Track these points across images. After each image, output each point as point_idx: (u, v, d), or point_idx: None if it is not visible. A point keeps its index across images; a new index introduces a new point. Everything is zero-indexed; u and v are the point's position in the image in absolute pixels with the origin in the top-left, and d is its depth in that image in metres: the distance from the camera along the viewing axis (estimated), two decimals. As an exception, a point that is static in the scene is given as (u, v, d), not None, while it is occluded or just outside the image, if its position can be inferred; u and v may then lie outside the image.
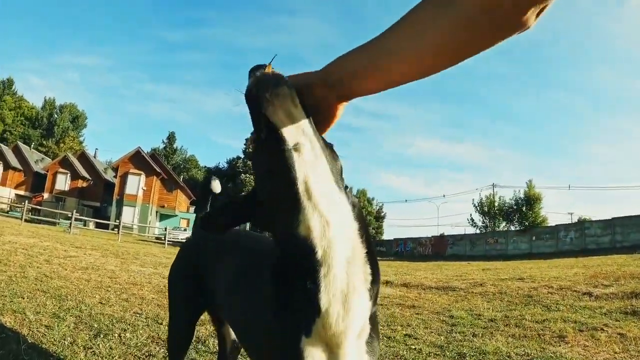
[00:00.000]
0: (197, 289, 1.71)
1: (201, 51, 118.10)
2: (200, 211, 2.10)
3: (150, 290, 5.42)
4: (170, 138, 76.65)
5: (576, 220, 36.04)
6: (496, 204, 40.63)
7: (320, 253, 0.85)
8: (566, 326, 3.98)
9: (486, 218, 41.15)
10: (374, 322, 0.99)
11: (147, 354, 2.80)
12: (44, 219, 28.30)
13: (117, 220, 27.27)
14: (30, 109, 73.48)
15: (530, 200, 37.14)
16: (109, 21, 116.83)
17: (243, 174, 60.35)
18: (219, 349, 2.22)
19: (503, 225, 39.65)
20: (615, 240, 27.03)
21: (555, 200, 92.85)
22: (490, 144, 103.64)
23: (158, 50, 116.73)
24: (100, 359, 2.61)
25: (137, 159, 44.94)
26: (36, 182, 50.53)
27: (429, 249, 39.59)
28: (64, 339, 2.90)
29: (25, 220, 21.92)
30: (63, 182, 48.25)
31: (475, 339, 3.61)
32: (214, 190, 2.07)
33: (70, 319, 3.43)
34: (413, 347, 3.32)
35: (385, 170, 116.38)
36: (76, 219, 23.08)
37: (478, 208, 41.71)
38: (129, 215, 41.32)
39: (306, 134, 0.84)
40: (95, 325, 3.35)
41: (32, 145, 60.73)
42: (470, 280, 8.03)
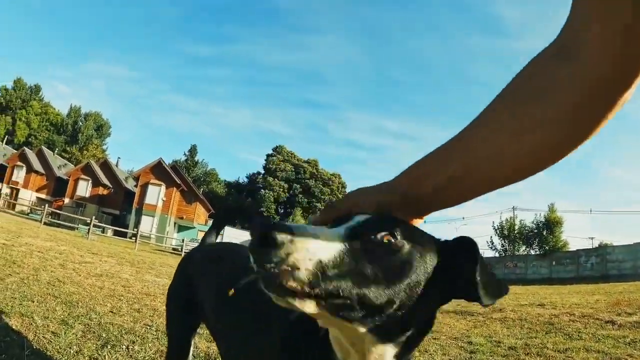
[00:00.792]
0: (190, 302, 1.67)
1: (226, 66, 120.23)
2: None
3: (163, 302, 5.33)
4: (192, 151, 77.41)
5: (597, 245, 35.20)
6: (516, 227, 39.92)
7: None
8: (589, 356, 3.80)
9: (506, 241, 40.44)
10: None
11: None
12: (63, 223, 28.68)
13: (135, 229, 27.49)
14: (55, 115, 75.29)
15: (551, 224, 36.41)
16: (138, 33, 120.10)
17: (263, 190, 60.74)
18: None
19: (523, 249, 38.93)
20: (637, 266, 26.26)
21: (576, 224, 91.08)
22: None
23: (184, 63, 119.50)
24: (104, 370, 2.53)
25: (158, 170, 45.38)
26: (58, 187, 51.47)
27: (446, 272, 38.90)
28: (70, 347, 2.84)
29: (45, 223, 22.22)
30: (84, 189, 49.00)
31: (494, 368, 3.46)
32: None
33: (78, 327, 3.37)
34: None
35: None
36: (95, 225, 23.33)
37: (498, 231, 40.99)
38: (148, 224, 41.69)
39: None
40: (104, 335, 3.28)
41: (56, 151, 62.01)
42: (490, 305, 7.80)
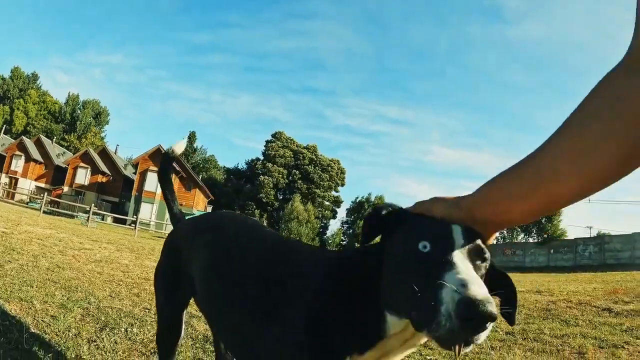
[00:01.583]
0: (179, 278, 1.63)
1: (225, 53, 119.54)
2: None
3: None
4: (191, 137, 77.00)
5: (595, 234, 35.34)
6: (515, 215, 40.05)
7: (386, 338, 0.98)
8: (586, 342, 3.82)
9: (504, 229, 40.59)
10: None
11: (153, 350, 2.72)
12: (62, 211, 28.74)
13: (135, 216, 27.49)
14: (53, 104, 74.87)
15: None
16: (135, 21, 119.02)
17: (262, 176, 60.67)
18: (213, 344, 2.13)
19: (521, 237, 39.05)
20: (635, 256, 26.40)
21: (574, 213, 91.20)
22: (510, 154, 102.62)
23: (182, 51, 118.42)
24: (103, 353, 2.54)
25: (157, 157, 45.09)
26: (57, 175, 51.43)
27: (445, 258, 39.06)
28: (69, 331, 2.84)
29: (44, 211, 22.22)
30: (83, 177, 48.97)
31: (492, 352, 3.47)
32: (174, 150, 2.05)
33: (77, 311, 3.38)
34: (428, 358, 3.20)
35: (403, 176, 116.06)
36: (94, 213, 23.37)
37: (497, 218, 41.11)
38: (147, 211, 41.71)
39: None
40: (103, 318, 3.29)
41: (54, 139, 61.76)
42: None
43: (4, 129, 61.43)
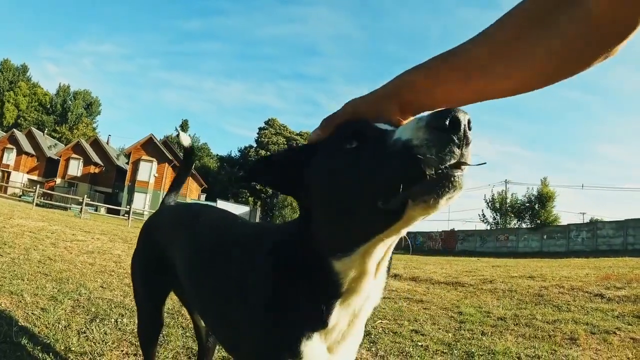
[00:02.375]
0: (158, 269, 1.61)
1: (215, 41, 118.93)
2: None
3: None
4: (183, 126, 76.63)
5: (588, 221, 35.54)
6: (508, 201, 40.17)
7: (345, 292, 0.88)
8: (578, 328, 3.85)
9: (497, 214, 40.71)
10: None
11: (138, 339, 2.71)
12: (55, 203, 28.63)
13: (128, 206, 27.38)
14: (44, 95, 74.20)
15: (543, 198, 36.63)
16: (125, 9, 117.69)
17: (255, 163, 60.70)
18: (196, 336, 2.12)
19: (514, 223, 39.23)
20: (627, 242, 26.63)
21: (567, 199, 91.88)
22: (502, 140, 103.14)
23: (173, 39, 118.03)
24: (93, 344, 2.52)
25: (150, 146, 45.00)
26: (49, 168, 51.11)
27: (438, 244, 39.34)
28: (59, 322, 2.82)
29: (37, 204, 22.12)
30: (75, 168, 48.71)
31: (484, 338, 3.49)
32: (183, 144, 2.00)
33: (67, 302, 3.36)
34: (420, 344, 3.21)
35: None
36: (87, 204, 23.26)
37: (490, 204, 41.23)
38: (141, 201, 41.51)
39: None
40: (93, 310, 3.27)
41: (46, 131, 61.29)
42: (480, 276, 7.89)
43: (-6, 122, 60.99)
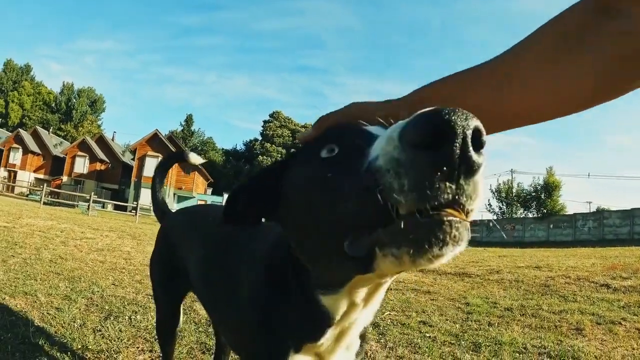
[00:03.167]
0: (175, 270, 1.63)
1: (218, 35, 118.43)
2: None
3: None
4: (188, 120, 76.48)
5: (594, 210, 35.43)
6: (514, 190, 40.05)
7: (335, 321, 0.79)
8: (583, 318, 3.88)
9: (503, 204, 40.62)
10: (363, 336, 0.96)
11: (156, 337, 2.77)
12: (62, 201, 28.79)
13: (135, 202, 27.52)
14: (48, 94, 74.33)
15: (550, 187, 36.54)
16: (124, 5, 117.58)
17: (260, 156, 60.71)
18: (214, 333, 2.17)
19: (520, 212, 39.15)
20: (633, 231, 26.54)
21: (574, 188, 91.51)
22: (512, 131, 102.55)
23: (175, 34, 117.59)
24: (109, 341, 2.59)
25: (155, 142, 45.04)
26: (55, 166, 51.32)
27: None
28: (74, 322, 2.89)
29: (45, 203, 22.26)
30: (82, 165, 48.85)
31: (491, 329, 3.53)
32: (194, 163, 1.98)
33: (81, 301, 3.43)
34: (427, 335, 3.26)
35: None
36: (94, 201, 23.40)
37: (496, 194, 41.09)
38: (147, 197, 41.38)
39: None
40: (107, 307, 3.35)
41: (51, 130, 61.40)
42: (487, 267, 7.92)
43: (-1, 122, 61.31)
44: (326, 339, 0.83)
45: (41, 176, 50.33)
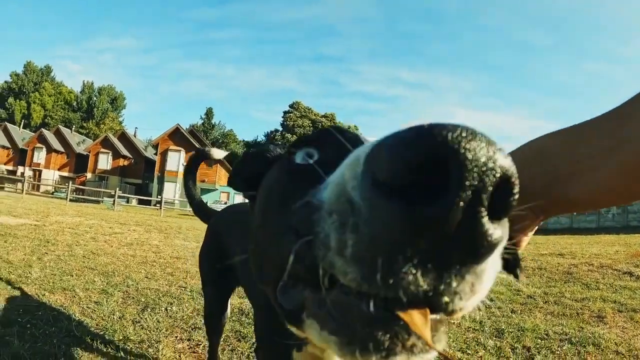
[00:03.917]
0: (224, 266, 1.65)
1: (234, 28, 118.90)
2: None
3: (194, 264, 5.51)
4: (208, 114, 76.75)
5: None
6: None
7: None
8: (605, 306, 3.92)
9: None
10: None
11: (193, 326, 2.92)
12: (88, 198, 29.42)
13: (159, 196, 27.87)
14: (69, 94, 75.56)
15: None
16: (138, 3, 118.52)
17: (281, 147, 61.00)
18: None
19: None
20: (659, 218, 26.02)
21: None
22: (530, 114, 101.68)
23: (191, 29, 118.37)
24: (148, 332, 2.74)
25: (177, 136, 45.34)
26: (79, 163, 52.32)
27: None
28: (113, 314, 3.05)
29: (70, 200, 22.72)
30: (105, 162, 49.64)
31: (513, 315, 3.60)
32: (214, 158, 2.00)
33: (118, 295, 3.60)
34: (451, 322, 3.34)
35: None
36: (119, 197, 23.80)
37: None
38: (171, 191, 42.02)
39: None
40: (142, 300, 3.51)
41: (73, 128, 62.53)
42: (509, 254, 7.90)
43: (22, 123, 62.57)
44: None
45: (65, 174, 51.38)
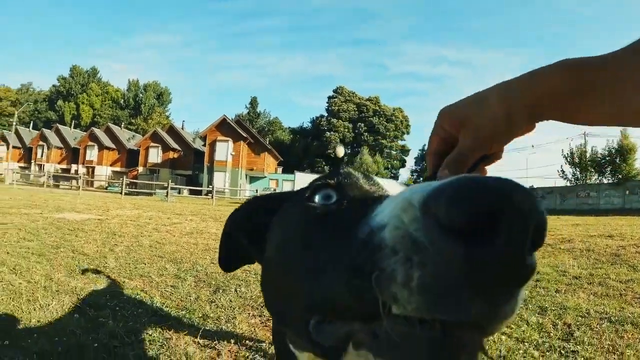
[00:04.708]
0: None
1: (271, 16, 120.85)
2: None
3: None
4: (253, 103, 77.98)
5: (674, 173, 33.01)
6: (588, 155, 37.69)
7: None
8: (649, 288, 3.97)
9: (577, 170, 38.35)
10: None
11: (262, 305, 3.25)
12: (140, 190, 30.70)
13: (210, 186, 28.60)
14: (115, 92, 78.62)
15: (625, 151, 34.22)
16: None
17: (328, 132, 61.30)
18: None
19: (595, 178, 36.98)
20: None
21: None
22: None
23: (229, 20, 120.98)
24: (223, 310, 3.11)
25: (224, 127, 46.15)
26: (130, 158, 54.46)
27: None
28: (189, 296, 3.45)
29: (125, 193, 23.79)
30: (155, 155, 51.25)
31: (557, 295, 3.75)
32: (338, 156, 1.94)
33: (190, 279, 4.02)
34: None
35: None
36: (171, 188, 24.74)
37: (568, 159, 38.77)
38: (220, 180, 42.74)
39: None
40: (213, 283, 3.91)
41: (122, 125, 65.10)
42: (559, 236, 7.93)
43: (73, 124, 65.61)
44: None
45: (117, 169, 53.66)
